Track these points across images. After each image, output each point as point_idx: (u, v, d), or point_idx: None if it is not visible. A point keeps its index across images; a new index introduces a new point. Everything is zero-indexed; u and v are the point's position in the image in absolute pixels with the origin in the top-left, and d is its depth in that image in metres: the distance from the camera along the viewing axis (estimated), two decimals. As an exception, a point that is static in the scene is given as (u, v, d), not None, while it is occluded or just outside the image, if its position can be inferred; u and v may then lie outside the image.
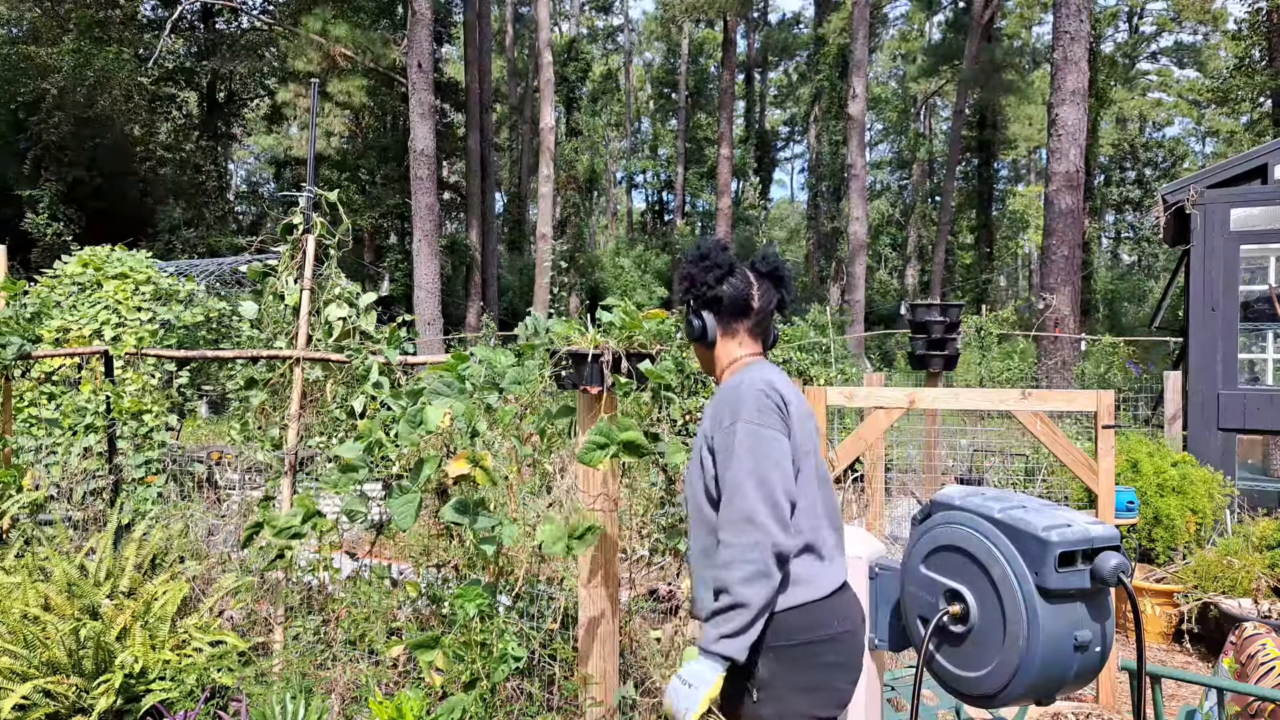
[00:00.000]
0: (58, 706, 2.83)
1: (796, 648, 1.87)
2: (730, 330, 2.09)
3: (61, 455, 4.90)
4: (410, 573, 3.48)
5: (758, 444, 1.85)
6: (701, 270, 2.06)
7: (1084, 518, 1.79)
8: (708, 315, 2.08)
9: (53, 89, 17.91)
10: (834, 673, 1.91)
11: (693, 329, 2.10)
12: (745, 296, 2.07)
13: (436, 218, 16.11)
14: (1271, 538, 4.95)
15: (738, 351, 2.10)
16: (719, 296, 2.06)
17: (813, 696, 1.88)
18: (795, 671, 1.88)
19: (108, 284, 7.19)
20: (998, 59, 27.33)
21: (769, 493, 1.81)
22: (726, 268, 2.06)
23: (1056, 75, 12.36)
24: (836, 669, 1.91)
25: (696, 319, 2.09)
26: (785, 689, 1.87)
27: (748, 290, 2.07)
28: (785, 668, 1.87)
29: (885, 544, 3.22)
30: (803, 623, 1.89)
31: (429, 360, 3.57)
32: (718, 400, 1.97)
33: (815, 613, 1.90)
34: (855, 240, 19.75)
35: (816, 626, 1.90)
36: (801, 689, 1.87)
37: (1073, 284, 12.24)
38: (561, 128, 33.68)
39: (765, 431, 1.86)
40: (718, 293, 2.06)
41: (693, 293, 2.09)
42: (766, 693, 1.87)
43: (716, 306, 2.08)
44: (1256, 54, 19.64)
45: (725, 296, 2.06)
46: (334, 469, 2.69)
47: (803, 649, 1.88)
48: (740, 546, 1.78)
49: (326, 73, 20.34)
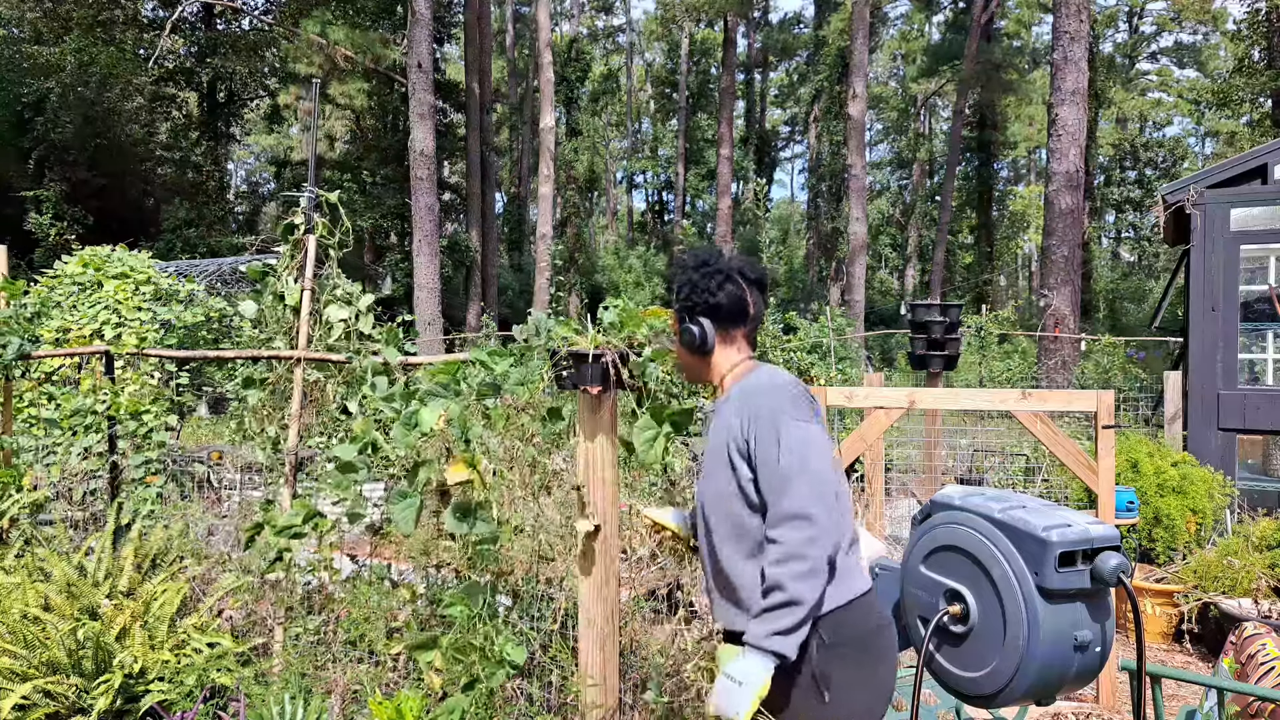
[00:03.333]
0: (57, 706, 2.83)
1: (858, 642, 1.88)
2: (729, 337, 2.07)
3: (61, 455, 4.90)
4: (410, 573, 3.48)
5: (806, 440, 1.83)
6: (703, 276, 2.04)
7: (1084, 518, 1.79)
8: (706, 322, 2.05)
9: (56, 89, 17.92)
10: (886, 666, 1.93)
11: (692, 337, 2.06)
12: (742, 301, 2.05)
13: (436, 218, 16.11)
14: (1271, 538, 4.95)
15: (737, 356, 2.08)
16: (719, 304, 2.03)
17: (874, 692, 1.91)
18: (862, 668, 1.88)
19: (108, 284, 7.19)
20: (997, 59, 27.34)
21: (822, 489, 1.79)
22: (726, 274, 2.04)
23: (1056, 75, 12.36)
24: (886, 662, 1.93)
25: (695, 326, 2.05)
26: (855, 687, 1.87)
27: (744, 295, 2.05)
28: (853, 664, 1.87)
29: (885, 544, 3.22)
30: (858, 617, 1.89)
31: (427, 360, 3.57)
32: (744, 402, 1.94)
33: (864, 606, 1.92)
34: (855, 240, 19.75)
35: (869, 620, 1.91)
36: (866, 685, 1.89)
37: (1073, 284, 12.24)
38: (561, 128, 33.67)
39: (812, 428, 1.86)
40: (718, 300, 2.03)
41: (692, 299, 2.06)
42: (838, 692, 1.85)
43: (716, 314, 2.05)
44: (1256, 54, 19.64)
45: (724, 304, 2.03)
46: (334, 469, 2.69)
47: (863, 644, 1.89)
48: (795, 543, 1.76)
49: (327, 74, 20.36)
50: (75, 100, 17.95)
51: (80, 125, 18.16)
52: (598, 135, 35.42)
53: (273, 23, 23.25)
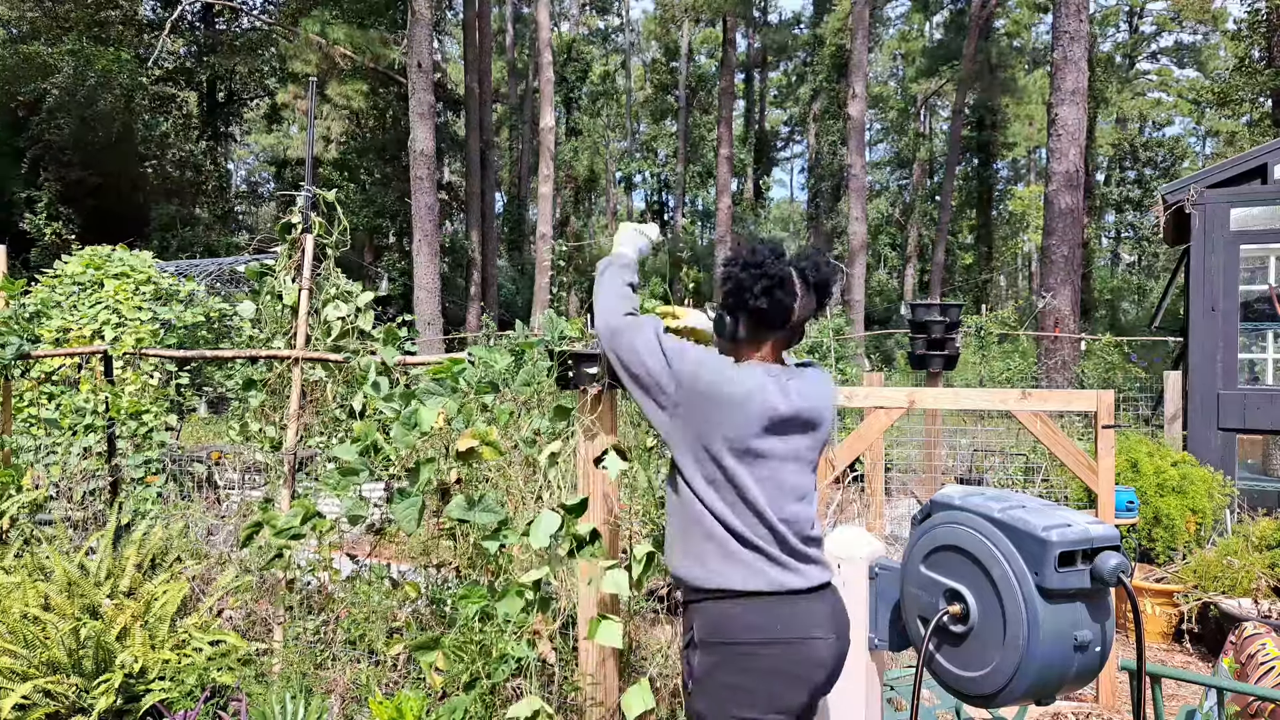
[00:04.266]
0: (58, 706, 2.83)
1: (725, 646, 1.90)
2: (757, 338, 2.02)
3: (61, 455, 4.90)
4: (410, 573, 3.48)
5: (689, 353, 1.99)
6: (750, 279, 1.96)
7: (1084, 518, 1.79)
8: (743, 319, 2.01)
9: (53, 89, 17.91)
10: (766, 680, 1.89)
11: (723, 326, 2.05)
12: (786, 310, 1.97)
13: (436, 218, 16.09)
14: (1271, 537, 4.95)
15: (755, 354, 2.05)
16: (758, 309, 1.97)
17: (741, 696, 1.89)
18: (723, 670, 1.90)
19: (108, 284, 7.19)
20: (995, 59, 27.34)
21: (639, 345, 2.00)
22: (776, 281, 1.95)
23: (1056, 75, 12.36)
24: (767, 676, 1.89)
25: (731, 320, 2.03)
26: (715, 684, 1.91)
27: (791, 304, 1.97)
28: (714, 664, 1.91)
29: (885, 544, 3.22)
30: (730, 618, 1.90)
31: (427, 360, 3.57)
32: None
33: (743, 608, 1.90)
34: (854, 240, 19.75)
35: (751, 629, 1.89)
36: (729, 687, 1.90)
37: (1073, 284, 12.24)
38: (561, 128, 33.67)
39: (668, 338, 2.01)
40: (758, 304, 1.96)
41: (732, 298, 2.01)
42: (701, 686, 1.93)
43: (753, 317, 1.99)
44: (1256, 54, 19.64)
45: (765, 309, 1.97)
46: (334, 469, 2.68)
47: (731, 649, 1.89)
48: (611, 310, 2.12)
49: (326, 74, 20.34)
50: (72, 100, 17.93)
51: (77, 125, 18.14)
52: (597, 135, 35.42)
53: (272, 22, 23.25)
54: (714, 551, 1.92)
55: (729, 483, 1.91)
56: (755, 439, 1.91)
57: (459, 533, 3.03)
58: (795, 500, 1.97)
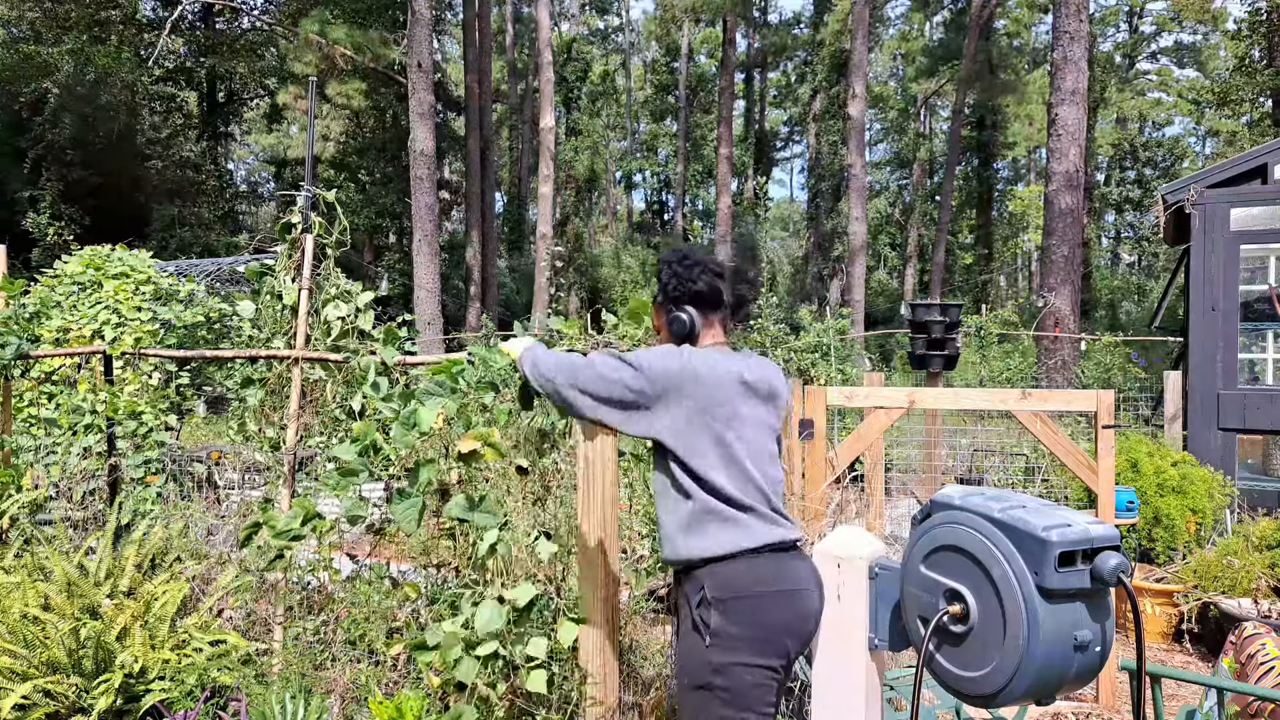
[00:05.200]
0: (57, 706, 2.83)
1: (739, 599, 2.04)
2: (708, 322, 2.27)
3: (61, 455, 4.89)
4: (410, 573, 3.48)
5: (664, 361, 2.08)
6: (685, 268, 2.25)
7: (1084, 518, 1.78)
8: (691, 310, 2.24)
9: (55, 89, 17.92)
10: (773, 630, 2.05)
11: (682, 324, 2.25)
12: (718, 291, 2.25)
13: (436, 218, 16.09)
14: (1271, 537, 4.95)
15: (711, 341, 2.28)
16: (700, 291, 2.23)
17: (754, 645, 2.03)
18: (744, 624, 2.04)
19: (108, 284, 7.19)
20: (995, 59, 27.33)
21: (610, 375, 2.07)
22: (702, 266, 2.25)
23: (1056, 75, 12.36)
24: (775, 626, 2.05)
25: (683, 314, 2.25)
26: (736, 639, 2.03)
27: (718, 286, 2.26)
28: (733, 618, 2.03)
29: (885, 544, 3.22)
30: (739, 573, 2.06)
31: (426, 360, 3.57)
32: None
33: (749, 563, 2.06)
34: (854, 240, 19.74)
35: (750, 578, 2.06)
36: (744, 639, 2.03)
37: (1073, 284, 12.24)
38: (561, 128, 33.67)
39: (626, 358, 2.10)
40: (699, 288, 2.23)
41: (678, 289, 2.25)
42: (718, 640, 2.03)
43: (698, 301, 2.24)
44: (1256, 54, 19.64)
45: (704, 291, 2.23)
46: (333, 469, 2.68)
47: (745, 600, 2.04)
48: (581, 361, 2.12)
49: (326, 74, 20.33)
50: (74, 100, 17.94)
51: (78, 125, 18.15)
52: (597, 135, 35.43)
53: (272, 22, 23.25)
54: (713, 521, 2.08)
55: (717, 445, 2.08)
56: (731, 402, 2.12)
57: (459, 533, 3.03)
58: (770, 463, 2.18)
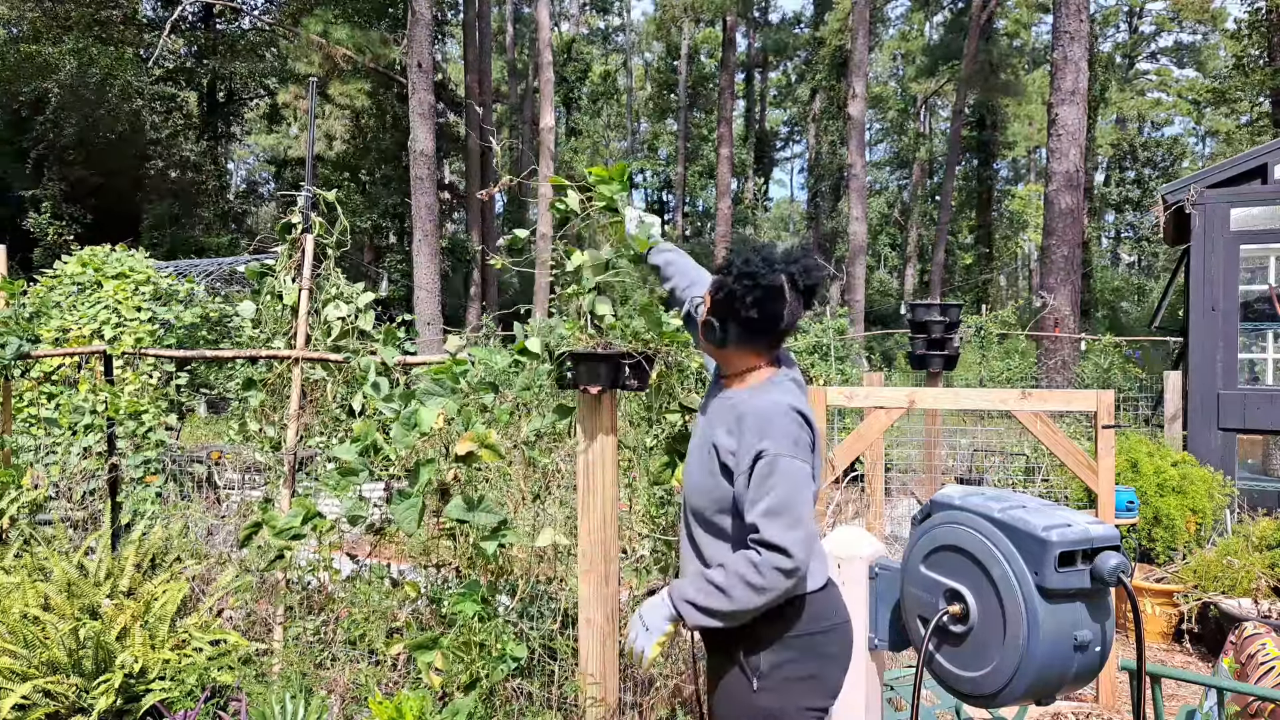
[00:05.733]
0: (57, 706, 2.83)
1: (800, 639, 1.95)
2: (751, 344, 2.04)
3: (61, 455, 4.90)
4: (410, 573, 3.48)
5: (792, 477, 1.86)
6: (743, 290, 1.97)
7: (1084, 518, 1.78)
8: (732, 327, 2.01)
9: (55, 89, 17.91)
10: (832, 664, 1.99)
11: (713, 332, 2.04)
12: (775, 319, 1.99)
13: (436, 218, 16.08)
14: (1271, 537, 4.95)
15: (755, 361, 2.06)
16: (749, 319, 1.98)
17: (810, 685, 1.95)
18: (797, 663, 1.95)
19: (107, 284, 7.19)
20: (995, 59, 27.32)
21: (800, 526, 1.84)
22: (767, 292, 1.96)
23: (1056, 75, 12.36)
24: (833, 660, 1.99)
25: (721, 327, 2.02)
26: (785, 679, 1.94)
27: (780, 311, 1.99)
28: (787, 659, 1.94)
29: (885, 544, 3.22)
30: (804, 614, 1.96)
31: (425, 361, 3.57)
32: (742, 414, 1.96)
33: (815, 605, 1.98)
34: (855, 240, 19.74)
35: (818, 618, 1.97)
36: (800, 679, 1.94)
37: (1073, 284, 12.24)
38: (561, 127, 33.67)
39: (798, 464, 1.88)
40: (749, 315, 1.98)
41: (724, 307, 2.01)
42: (766, 682, 1.94)
43: (744, 326, 2.00)
44: (1256, 54, 19.64)
45: (755, 319, 1.98)
46: (334, 469, 2.68)
47: (805, 640, 1.96)
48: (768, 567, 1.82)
49: (327, 74, 20.33)
50: (74, 100, 17.94)
51: (79, 125, 18.15)
52: (597, 135, 35.43)
53: (272, 22, 23.24)
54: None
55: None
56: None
57: (459, 533, 3.03)
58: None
